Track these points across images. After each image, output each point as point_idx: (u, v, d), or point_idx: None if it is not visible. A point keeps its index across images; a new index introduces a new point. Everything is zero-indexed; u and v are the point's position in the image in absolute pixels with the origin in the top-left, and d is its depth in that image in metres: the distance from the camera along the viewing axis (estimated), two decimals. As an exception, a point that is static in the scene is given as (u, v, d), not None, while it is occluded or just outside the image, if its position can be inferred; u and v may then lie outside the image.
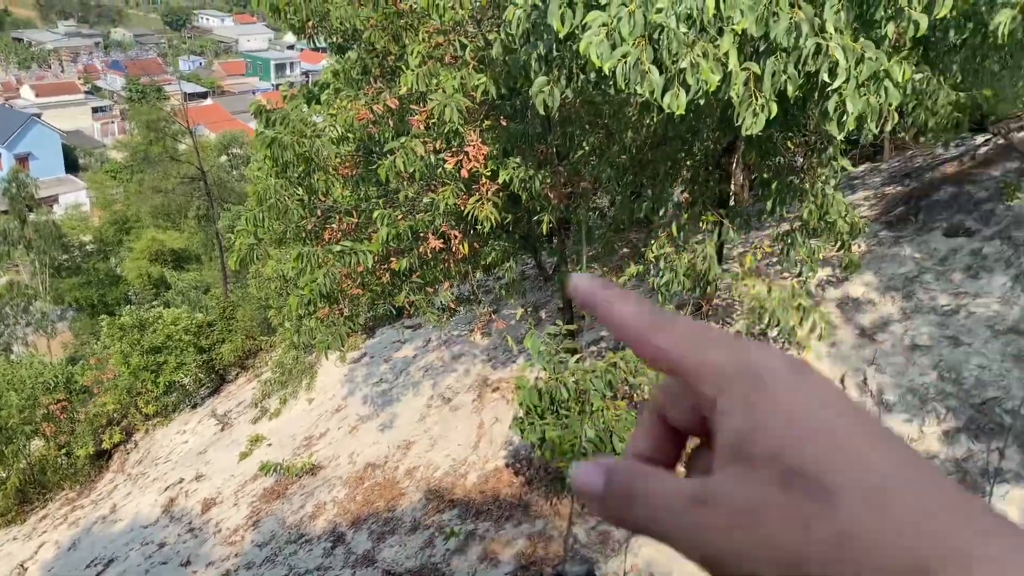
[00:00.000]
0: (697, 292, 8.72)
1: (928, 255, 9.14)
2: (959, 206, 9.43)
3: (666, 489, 0.39)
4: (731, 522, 0.36)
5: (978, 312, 8.17)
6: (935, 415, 7.63)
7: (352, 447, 11.64)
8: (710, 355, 0.40)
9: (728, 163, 8.47)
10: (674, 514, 0.38)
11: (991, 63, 9.45)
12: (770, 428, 0.37)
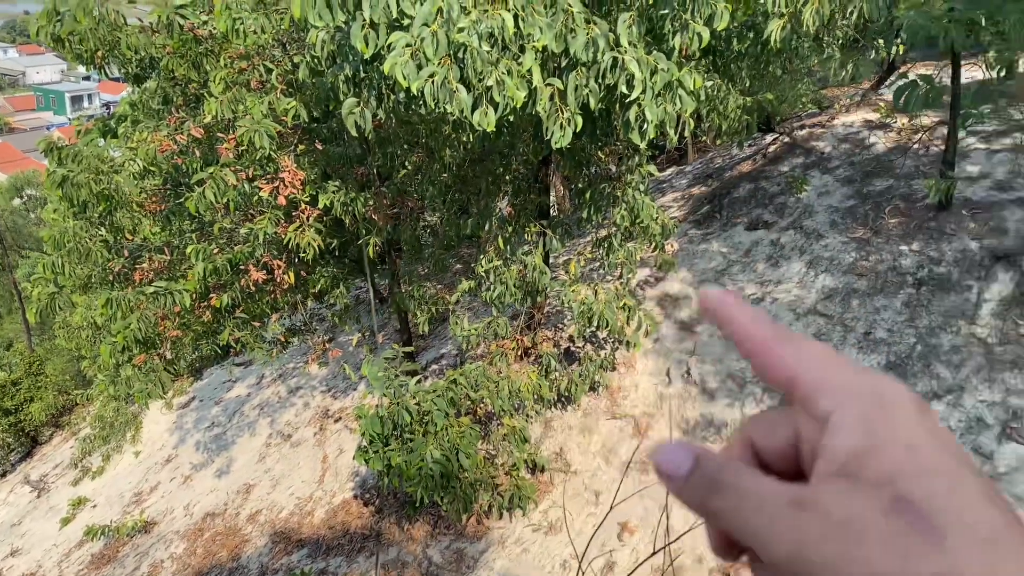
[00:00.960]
0: (529, 302, 8.92)
1: (734, 249, 9.83)
2: (756, 201, 10.22)
3: (761, 485, 0.39)
4: (829, 532, 0.35)
5: (781, 298, 8.88)
6: (753, 397, 8.20)
7: (187, 498, 10.94)
8: (834, 372, 0.40)
9: (546, 176, 8.73)
10: (766, 512, 0.38)
11: (774, 68, 10.34)
12: (887, 451, 0.36)
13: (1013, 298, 7.86)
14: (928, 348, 7.77)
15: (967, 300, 7.99)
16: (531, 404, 8.75)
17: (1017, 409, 7.16)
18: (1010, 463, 6.88)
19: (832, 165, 10.25)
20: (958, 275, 8.11)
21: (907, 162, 9.68)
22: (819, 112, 11.81)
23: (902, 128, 10.29)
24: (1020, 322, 7.73)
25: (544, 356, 8.91)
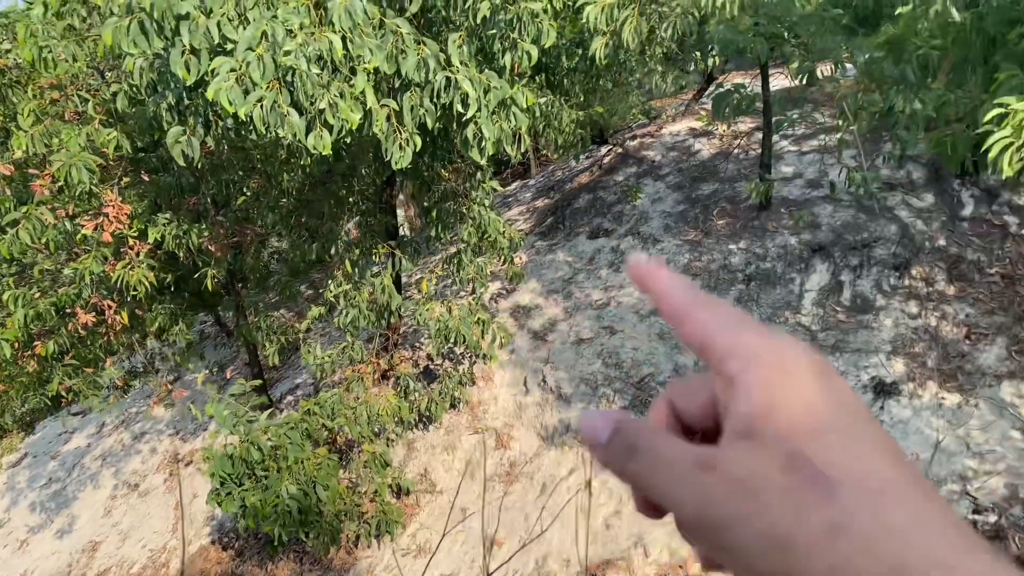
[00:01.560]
0: (383, 324, 8.83)
1: (578, 257, 10.15)
2: (596, 211, 10.61)
3: (672, 448, 0.41)
4: (730, 490, 0.37)
5: (625, 301, 9.25)
6: (606, 399, 8.48)
7: (24, 565, 10.01)
8: (745, 336, 0.41)
9: (391, 196, 8.69)
10: (676, 473, 0.39)
11: (604, 83, 10.79)
12: (786, 411, 0.38)
13: (830, 287, 8.56)
14: (760, 339, 8.31)
15: (791, 292, 8.63)
16: (392, 427, 8.65)
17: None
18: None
19: (663, 172, 10.81)
20: (782, 269, 8.74)
21: (730, 166, 10.36)
22: (648, 123, 12.43)
23: (723, 135, 11.01)
24: (837, 309, 8.43)
25: (402, 377, 8.84)
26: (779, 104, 8.47)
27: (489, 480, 8.44)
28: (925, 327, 8.12)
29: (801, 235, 8.85)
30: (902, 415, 7.51)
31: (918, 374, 7.75)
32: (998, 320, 8.08)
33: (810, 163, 9.90)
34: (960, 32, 4.62)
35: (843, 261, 8.62)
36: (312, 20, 5.18)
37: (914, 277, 8.49)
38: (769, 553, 0.36)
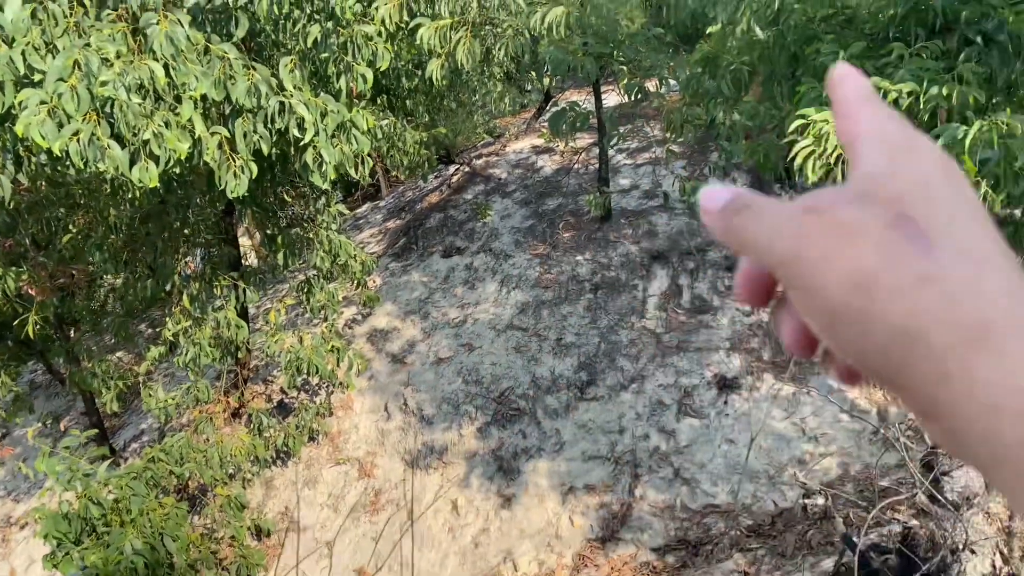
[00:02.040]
0: (230, 359, 8.47)
1: (433, 277, 10.16)
2: (448, 229, 10.67)
3: (784, 204, 0.41)
4: (829, 231, 0.38)
5: (481, 317, 9.33)
6: (468, 416, 8.51)
7: None
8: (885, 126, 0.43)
9: (230, 226, 8.37)
10: (781, 218, 0.40)
11: (448, 102, 10.88)
12: (902, 179, 0.39)
13: (670, 291, 9.00)
14: (611, 345, 8.62)
15: (636, 298, 9.00)
16: (247, 467, 8.30)
17: (687, 387, 8.19)
18: (688, 436, 7.84)
19: (510, 189, 11.03)
20: (626, 277, 9.11)
21: (571, 181, 10.71)
22: (493, 141, 12.65)
23: (563, 151, 11.38)
24: (679, 311, 8.87)
25: (255, 414, 8.50)
26: (613, 120, 8.85)
27: (354, 511, 8.25)
28: (759, 322, 8.68)
29: (641, 243, 9.26)
30: (743, 407, 7.98)
31: (755, 368, 8.27)
32: (821, 312, 8.76)
33: (645, 175, 10.40)
34: (765, 49, 5.01)
35: (680, 266, 9.08)
36: (131, 47, 4.92)
37: (746, 277, 9.07)
38: (851, 293, 0.37)
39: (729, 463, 7.56)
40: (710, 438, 7.79)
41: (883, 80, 4.28)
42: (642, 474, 7.66)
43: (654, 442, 7.86)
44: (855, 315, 0.37)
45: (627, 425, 8.03)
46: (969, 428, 0.35)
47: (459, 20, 6.79)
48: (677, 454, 7.75)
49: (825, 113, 4.21)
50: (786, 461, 7.67)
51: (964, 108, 4.05)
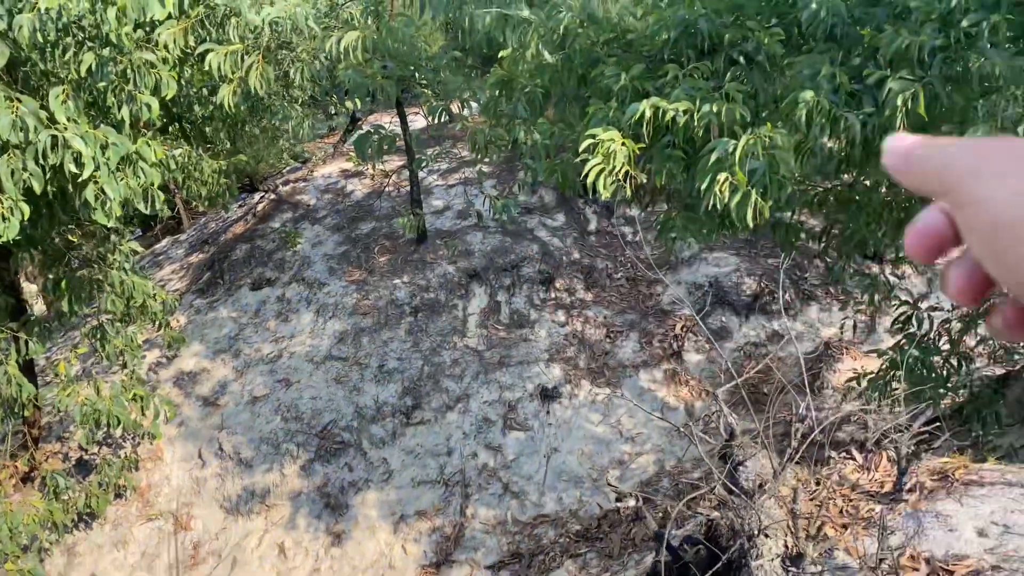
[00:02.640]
0: (15, 419, 7.65)
1: (243, 311, 9.70)
2: (256, 260, 10.24)
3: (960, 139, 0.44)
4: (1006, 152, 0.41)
5: (298, 350, 9.01)
6: (290, 455, 8.17)
7: None
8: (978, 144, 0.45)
9: (6, 271, 7.58)
10: (964, 145, 0.43)
11: (250, 128, 10.47)
12: None
13: (489, 308, 9.13)
14: (434, 367, 8.60)
15: (456, 317, 9.05)
16: (44, 536, 7.51)
17: (511, 401, 8.32)
18: (515, 449, 7.97)
19: (320, 215, 10.76)
20: (445, 297, 9.14)
21: (384, 204, 10.63)
22: (300, 167, 12.32)
23: (374, 175, 11.28)
24: (498, 327, 9.01)
25: (49, 476, 7.71)
26: (420, 142, 8.88)
27: (171, 568, 7.68)
28: (573, 332, 9.00)
29: (457, 263, 9.33)
30: (565, 415, 8.22)
31: (573, 375, 8.55)
32: (629, 318, 9.21)
33: (457, 195, 10.52)
34: (555, 72, 5.21)
35: (497, 283, 9.25)
36: None
37: (558, 289, 9.37)
38: (1014, 204, 0.39)
39: (555, 472, 7.76)
40: (536, 449, 7.96)
41: (661, 100, 4.56)
42: (472, 493, 7.69)
43: (482, 459, 7.92)
44: (1020, 227, 0.38)
45: (455, 446, 8.03)
46: None
47: (250, 45, 6.56)
48: (505, 469, 7.85)
49: (611, 132, 4.43)
50: (607, 463, 7.98)
51: (733, 123, 4.40)
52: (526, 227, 9.97)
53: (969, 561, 2.80)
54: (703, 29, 4.87)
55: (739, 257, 9.65)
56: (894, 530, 3.07)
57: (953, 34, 4.08)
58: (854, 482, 3.55)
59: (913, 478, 3.38)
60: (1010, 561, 2.75)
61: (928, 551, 2.92)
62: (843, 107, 4.29)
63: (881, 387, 5.09)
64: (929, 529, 3.04)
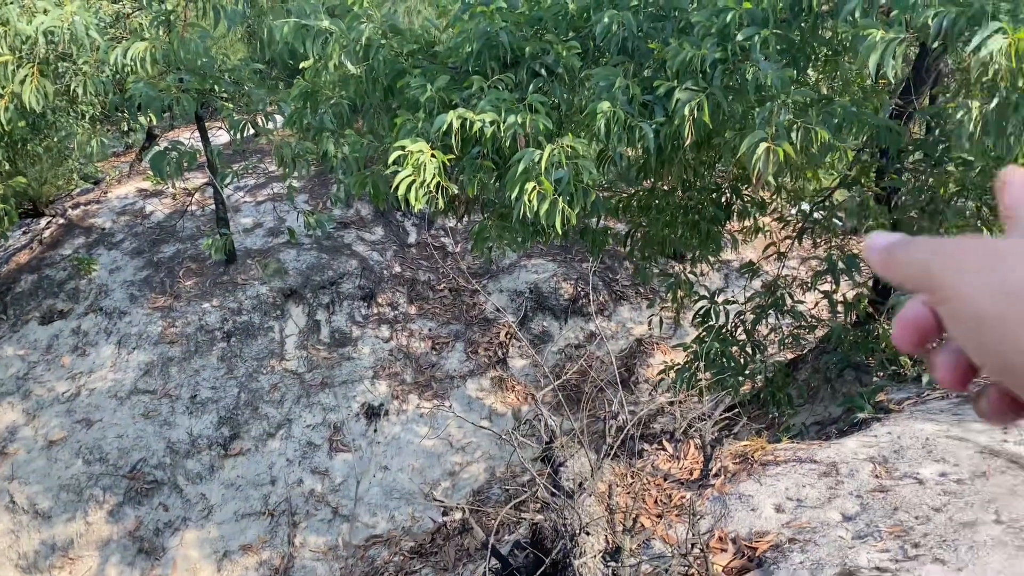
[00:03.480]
0: None
1: (32, 348, 8.80)
2: (45, 291, 9.32)
3: (938, 238, 0.46)
4: (983, 250, 0.42)
5: (98, 387, 8.29)
6: (95, 501, 7.49)
7: None
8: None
9: None
10: (943, 242, 0.46)
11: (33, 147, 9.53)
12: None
13: (308, 328, 8.84)
14: (252, 394, 8.20)
15: (273, 340, 8.68)
16: None
17: (336, 423, 8.09)
18: (343, 472, 7.74)
19: (117, 239, 9.97)
20: (259, 320, 8.74)
21: (188, 225, 10.02)
22: (92, 188, 11.37)
23: (176, 193, 10.61)
24: (320, 347, 8.74)
25: None
26: (225, 157, 8.45)
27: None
28: (399, 347, 8.90)
29: (272, 283, 8.96)
30: (393, 431, 8.10)
31: (400, 391, 8.45)
32: (454, 328, 9.24)
33: (267, 212, 10.10)
34: (360, 84, 5.12)
35: (316, 301, 8.97)
36: None
37: (381, 304, 9.24)
38: (1002, 301, 0.40)
39: (385, 490, 7.61)
40: (365, 469, 7.78)
41: (468, 111, 4.60)
42: (300, 521, 7.39)
43: (309, 485, 7.63)
44: (1003, 320, 0.40)
45: (278, 474, 7.69)
46: None
47: (22, 56, 5.96)
48: (334, 492, 7.61)
49: (420, 144, 4.41)
50: (438, 476, 7.94)
51: (537, 134, 4.51)
52: (343, 242, 9.75)
53: (770, 536, 3.00)
54: (504, 42, 4.96)
55: (556, 263, 9.94)
56: (703, 515, 3.25)
57: (730, 47, 4.40)
58: (666, 471, 3.73)
59: (718, 463, 3.59)
60: (804, 532, 2.98)
61: (734, 531, 3.11)
62: (638, 117, 4.52)
63: (687, 379, 5.40)
64: (734, 510, 3.24)
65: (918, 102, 5.24)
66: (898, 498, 3.03)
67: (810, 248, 7.53)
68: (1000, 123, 3.56)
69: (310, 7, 4.95)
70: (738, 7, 4.33)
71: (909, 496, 3.03)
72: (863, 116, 4.25)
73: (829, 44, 5.22)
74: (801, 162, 5.07)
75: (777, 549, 2.90)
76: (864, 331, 5.52)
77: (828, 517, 3.02)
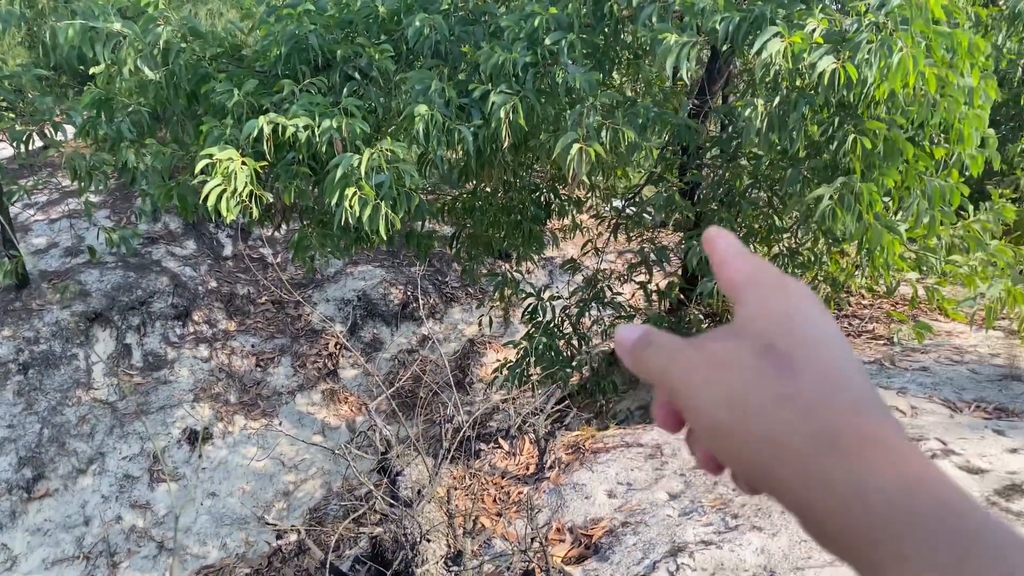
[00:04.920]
0: None
1: None
2: None
3: (678, 340, 0.50)
4: (708, 361, 0.46)
5: None
6: None
7: None
8: (761, 274, 0.50)
9: None
10: (673, 353, 0.49)
11: None
12: (771, 317, 0.47)
13: (118, 353, 8.19)
14: (57, 429, 7.49)
15: (78, 368, 7.97)
16: None
17: (156, 452, 7.56)
18: (166, 503, 7.25)
19: None
20: (61, 348, 8.00)
21: (-32, 248, 9.00)
22: None
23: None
24: (132, 373, 8.13)
25: None
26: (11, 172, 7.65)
27: None
28: (220, 366, 8.45)
29: (72, 307, 8.22)
30: (220, 455, 7.69)
31: (224, 412, 8.03)
32: (279, 343, 8.90)
33: (63, 230, 9.25)
34: (159, 90, 4.80)
35: (124, 323, 8.33)
36: None
37: (197, 322, 8.72)
38: (726, 411, 0.44)
39: (215, 517, 7.21)
40: (191, 497, 7.32)
41: (279, 116, 4.44)
42: (121, 561, 6.84)
43: (129, 521, 7.08)
44: (730, 430, 0.44)
45: (93, 512, 7.08)
46: (829, 521, 0.41)
47: None
48: (157, 525, 7.11)
49: (229, 151, 4.20)
50: (272, 497, 7.63)
51: (355, 138, 4.43)
52: (152, 258, 9.11)
53: (604, 522, 3.11)
54: (314, 44, 4.84)
55: (384, 268, 9.82)
56: (541, 508, 3.32)
57: (540, 51, 4.52)
58: (503, 469, 3.78)
59: (552, 456, 3.68)
60: (635, 514, 3.12)
61: (570, 521, 3.20)
62: (455, 120, 4.54)
63: (518, 375, 5.51)
64: (569, 500, 3.33)
65: (712, 101, 5.63)
66: (716, 472, 3.24)
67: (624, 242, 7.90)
68: (783, 119, 3.89)
69: (98, 8, 4.57)
70: (545, 12, 4.46)
71: (726, 469, 3.26)
72: (664, 116, 4.51)
73: (631, 48, 5.50)
74: (612, 161, 5.31)
75: (611, 534, 3.01)
76: (677, 316, 5.87)
77: (656, 498, 3.17)
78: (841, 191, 3.93)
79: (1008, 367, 4.88)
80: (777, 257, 5.26)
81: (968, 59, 4.18)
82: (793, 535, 2.62)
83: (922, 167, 4.39)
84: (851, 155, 3.91)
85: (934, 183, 4.41)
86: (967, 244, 4.92)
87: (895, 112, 4.09)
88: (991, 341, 5.45)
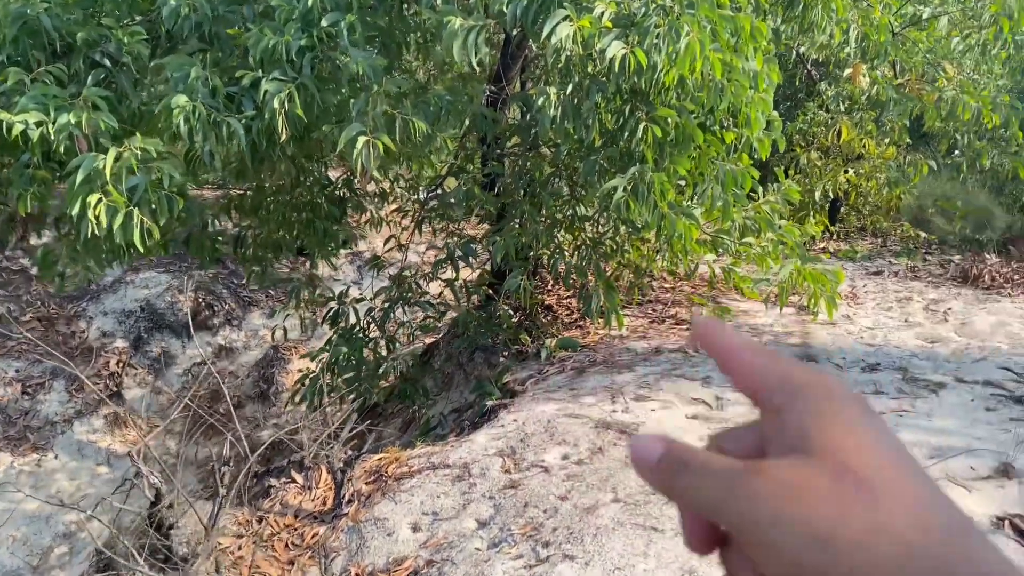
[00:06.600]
0: None
1: None
2: None
3: (721, 461, 0.43)
4: (777, 491, 0.39)
5: None
6: None
7: None
8: (791, 371, 0.44)
9: None
10: (724, 479, 0.41)
11: None
12: (832, 430, 0.41)
13: None
14: None
15: None
16: None
17: None
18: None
19: None
20: None
21: None
22: None
23: None
24: None
25: None
26: None
27: None
28: (-25, 399, 7.31)
29: None
30: (-22, 504, 6.65)
31: (-18, 452, 6.95)
32: (49, 365, 7.84)
33: None
34: None
35: None
36: None
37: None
38: (809, 551, 0.38)
39: (-25, 578, 6.22)
40: (-57, 558, 6.27)
41: (4, 111, 3.71)
42: None
43: None
44: (818, 569, 0.38)
45: None
46: None
47: None
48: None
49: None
50: (49, 542, 6.71)
51: (100, 135, 3.79)
52: None
53: (408, 563, 2.79)
54: (48, 26, 4.11)
55: (169, 274, 8.89)
56: (337, 552, 2.95)
57: (316, 33, 4.08)
58: (297, 507, 3.36)
59: (350, 487, 3.31)
60: (441, 549, 2.82)
61: (371, 564, 2.85)
62: (224, 112, 4.01)
63: (317, 391, 5.05)
64: (370, 539, 2.98)
65: (509, 88, 5.40)
66: (527, 492, 3.01)
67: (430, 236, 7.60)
68: (576, 108, 3.71)
69: None
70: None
71: (537, 488, 3.03)
72: (457, 104, 4.22)
73: (420, 30, 5.15)
74: (406, 153, 4.96)
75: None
76: (487, 312, 5.64)
77: (464, 527, 2.89)
78: (634, 181, 3.81)
79: (803, 345, 5.06)
80: (581, 247, 5.15)
81: (751, 43, 4.20)
82: (607, 563, 2.43)
83: (714, 152, 4.39)
84: (643, 144, 3.80)
85: (726, 168, 4.43)
86: (759, 225, 5.03)
87: (685, 98, 4.03)
88: (785, 319, 5.66)
